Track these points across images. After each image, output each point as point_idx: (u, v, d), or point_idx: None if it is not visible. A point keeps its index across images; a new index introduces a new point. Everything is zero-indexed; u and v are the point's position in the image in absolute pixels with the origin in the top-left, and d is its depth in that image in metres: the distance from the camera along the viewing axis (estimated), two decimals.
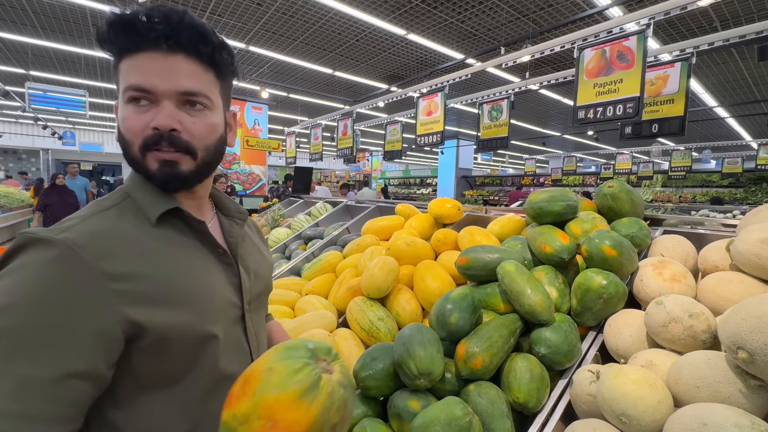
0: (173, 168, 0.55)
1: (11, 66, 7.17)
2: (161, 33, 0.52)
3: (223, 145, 0.62)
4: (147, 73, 0.52)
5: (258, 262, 0.71)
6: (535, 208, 1.26)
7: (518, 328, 1.02)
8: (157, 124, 0.52)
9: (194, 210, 0.63)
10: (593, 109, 1.51)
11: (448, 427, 0.72)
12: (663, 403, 0.65)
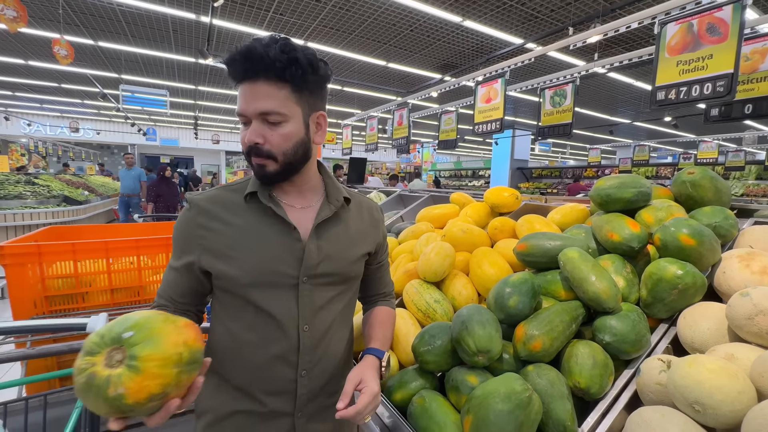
0: (262, 169, 0.73)
1: (107, 71, 8.19)
2: (242, 69, 0.68)
3: (304, 146, 0.75)
4: (242, 101, 0.70)
5: (339, 247, 0.81)
6: (602, 194, 1.21)
7: (580, 315, 1.00)
8: (246, 141, 0.71)
9: (295, 195, 0.81)
10: (675, 89, 1.37)
11: (507, 400, 0.74)
12: (744, 394, 0.62)
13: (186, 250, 0.75)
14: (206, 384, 0.77)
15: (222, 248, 0.74)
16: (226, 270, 0.73)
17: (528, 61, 2.57)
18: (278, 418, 0.77)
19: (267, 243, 0.74)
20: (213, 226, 0.74)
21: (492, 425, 0.73)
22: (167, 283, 0.77)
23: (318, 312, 0.78)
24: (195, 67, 7.78)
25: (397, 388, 1.06)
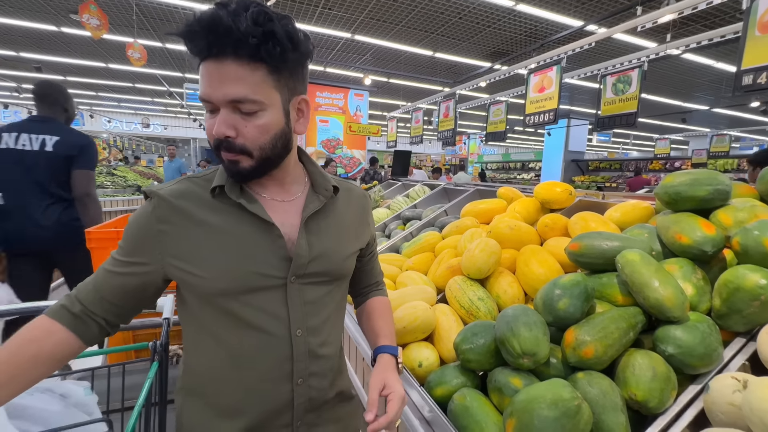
0: (235, 166, 0.62)
1: (172, 70, 8.88)
2: (204, 42, 0.54)
3: (284, 137, 0.64)
4: (206, 83, 0.58)
5: (330, 241, 0.72)
6: (671, 192, 1.10)
7: (639, 323, 0.93)
8: (215, 133, 0.59)
9: (275, 187, 0.70)
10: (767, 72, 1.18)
11: (553, 407, 0.71)
12: None
13: (141, 251, 0.63)
14: (187, 411, 0.70)
15: (191, 251, 0.63)
16: (195, 276, 0.63)
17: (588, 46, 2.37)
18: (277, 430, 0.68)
19: (244, 243, 0.64)
20: (178, 225, 0.63)
21: (536, 430, 0.71)
22: (97, 280, 0.64)
23: (310, 313, 0.69)
24: None
25: (438, 384, 1.06)
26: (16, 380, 0.55)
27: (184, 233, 0.64)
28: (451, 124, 3.85)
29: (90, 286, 0.64)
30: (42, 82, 2.07)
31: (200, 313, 0.66)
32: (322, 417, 0.73)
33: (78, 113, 13.81)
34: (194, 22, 0.54)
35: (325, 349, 0.71)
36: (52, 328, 0.60)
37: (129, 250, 0.64)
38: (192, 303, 0.66)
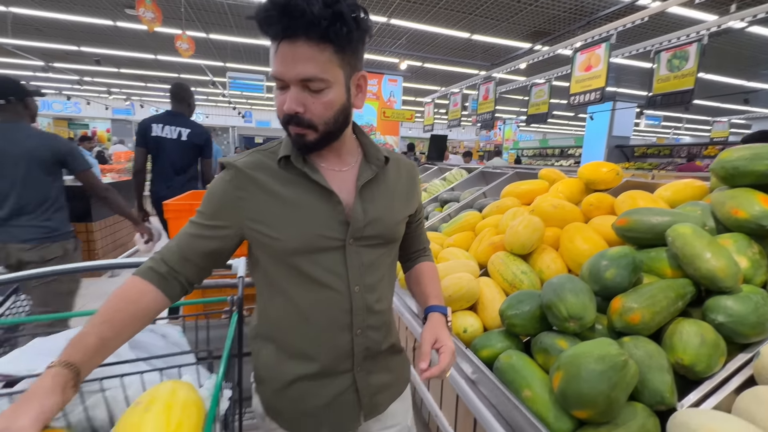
0: (302, 138, 0.67)
1: (215, 60, 9.25)
2: (280, 26, 0.59)
3: (345, 112, 0.69)
4: (280, 63, 0.62)
5: (383, 208, 0.77)
6: (728, 167, 1.08)
7: (689, 293, 0.95)
8: (285, 109, 0.64)
9: (333, 157, 0.76)
10: None
11: (600, 361, 0.76)
12: None
13: (221, 215, 0.71)
14: (263, 353, 0.78)
15: (264, 216, 0.70)
16: (270, 237, 0.70)
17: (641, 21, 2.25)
18: (340, 375, 0.77)
19: (309, 208, 0.71)
20: (254, 193, 0.70)
21: (583, 382, 0.76)
22: (181, 242, 0.71)
23: (366, 272, 0.76)
24: None
25: (483, 347, 1.14)
26: (121, 336, 0.66)
27: (259, 199, 0.70)
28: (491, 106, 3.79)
29: (174, 248, 0.71)
30: (175, 83, 2.60)
31: (273, 272, 0.73)
32: (377, 365, 0.81)
33: (130, 103, 14.78)
34: (270, 6, 0.58)
35: (379, 305, 0.78)
36: (144, 288, 0.68)
37: (211, 215, 0.71)
38: (266, 263, 0.74)
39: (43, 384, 0.53)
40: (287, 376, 0.76)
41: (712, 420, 0.63)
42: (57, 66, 9.96)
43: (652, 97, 2.25)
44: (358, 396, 0.78)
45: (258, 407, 0.82)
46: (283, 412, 0.78)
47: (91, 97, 14.52)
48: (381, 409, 0.83)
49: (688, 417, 0.65)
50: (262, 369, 0.79)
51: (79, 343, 0.59)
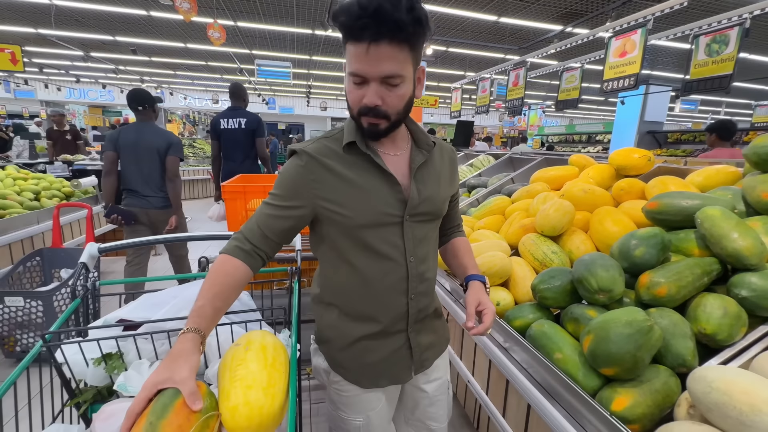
0: (375, 128, 0.76)
1: (242, 47, 9.43)
2: (368, 29, 0.65)
3: (411, 102, 0.78)
4: (362, 62, 0.68)
5: (432, 188, 0.86)
6: (761, 152, 1.13)
7: (714, 271, 1.02)
8: (366, 102, 0.72)
9: (389, 143, 0.84)
10: None
11: (628, 326, 0.86)
12: None
13: (297, 196, 0.79)
14: (327, 317, 0.90)
15: (335, 196, 0.79)
16: (342, 215, 0.79)
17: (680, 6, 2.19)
18: (396, 334, 0.88)
19: (373, 188, 0.80)
20: (324, 175, 0.79)
21: (612, 344, 0.86)
22: (260, 222, 0.80)
23: (419, 245, 0.85)
24: (311, 38, 8.44)
25: (516, 318, 1.24)
26: (227, 304, 0.79)
27: (330, 181, 0.79)
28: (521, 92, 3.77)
29: (255, 227, 0.80)
30: (233, 83, 3.36)
31: (341, 245, 0.83)
32: (425, 327, 0.93)
33: (160, 91, 15.25)
34: (362, 13, 0.64)
35: (428, 273, 0.89)
36: (236, 263, 0.78)
37: (287, 196, 0.80)
38: (335, 237, 0.83)
39: (185, 346, 0.67)
40: (352, 336, 0.87)
41: (728, 373, 0.72)
42: (94, 55, 10.41)
43: (688, 82, 2.21)
44: (411, 352, 0.91)
45: (321, 364, 0.95)
46: (347, 366, 0.90)
47: (125, 85, 15.10)
48: (427, 364, 0.95)
49: (707, 371, 0.74)
50: (327, 330, 0.91)
51: (200, 313, 0.73)
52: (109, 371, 0.86)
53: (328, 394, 0.96)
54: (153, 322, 0.88)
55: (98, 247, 1.11)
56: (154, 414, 0.60)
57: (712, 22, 2.01)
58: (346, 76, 0.75)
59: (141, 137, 2.46)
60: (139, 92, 2.49)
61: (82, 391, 0.89)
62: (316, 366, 0.98)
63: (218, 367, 0.78)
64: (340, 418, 0.93)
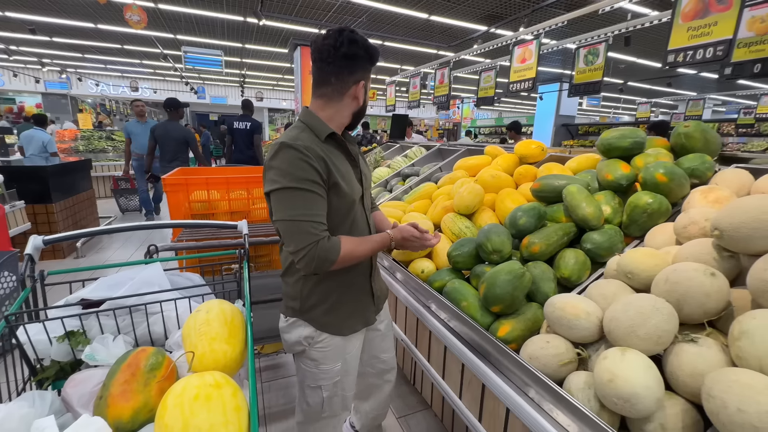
0: None
1: (164, 32, 8.73)
2: None
3: None
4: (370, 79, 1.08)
5: (366, 166, 1.18)
6: (605, 144, 1.51)
7: (572, 231, 1.37)
8: None
9: None
10: (683, 52, 1.54)
11: (508, 274, 1.16)
12: (658, 266, 0.99)
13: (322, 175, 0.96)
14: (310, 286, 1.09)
15: (336, 173, 1.00)
16: (342, 185, 1.01)
17: (562, 24, 2.64)
18: (364, 285, 1.16)
19: (347, 169, 1.05)
20: (324, 158, 0.98)
21: (497, 288, 1.16)
22: (321, 211, 0.97)
23: (370, 211, 1.18)
24: (243, 25, 8.11)
25: (435, 280, 1.52)
26: None
27: (328, 164, 0.98)
28: (446, 89, 4.14)
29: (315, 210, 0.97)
30: (244, 100, 4.99)
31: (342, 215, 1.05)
32: (378, 276, 1.25)
33: (65, 77, 13.46)
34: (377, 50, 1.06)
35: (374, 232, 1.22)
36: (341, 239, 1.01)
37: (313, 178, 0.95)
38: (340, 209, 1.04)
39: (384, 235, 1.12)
40: (334, 297, 1.10)
41: (565, 297, 1.04)
42: None
43: (574, 85, 2.70)
44: (373, 299, 1.19)
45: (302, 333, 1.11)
46: (333, 323, 1.11)
47: (18, 68, 13.05)
48: (381, 307, 1.26)
49: (554, 299, 1.05)
50: (312, 298, 1.10)
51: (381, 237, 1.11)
52: (74, 346, 0.95)
53: (307, 356, 1.13)
54: (115, 299, 0.97)
55: (43, 239, 1.14)
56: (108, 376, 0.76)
57: (587, 38, 2.47)
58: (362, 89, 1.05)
59: (167, 131, 4.36)
60: (170, 99, 4.39)
61: (44, 369, 0.97)
62: (295, 338, 1.13)
63: (182, 330, 0.92)
64: (321, 372, 1.13)
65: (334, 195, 1.01)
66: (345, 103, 1.05)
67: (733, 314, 0.85)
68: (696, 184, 1.35)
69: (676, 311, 0.86)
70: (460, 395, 1.32)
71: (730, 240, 0.88)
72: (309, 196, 0.95)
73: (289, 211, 0.94)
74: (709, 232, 1.01)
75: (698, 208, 1.11)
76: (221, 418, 0.64)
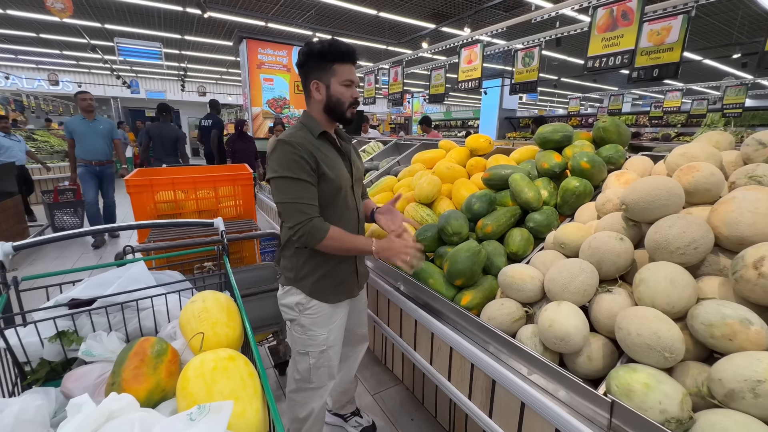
0: (354, 115, 1.26)
1: (90, 20, 7.97)
2: (353, 56, 1.20)
3: None
4: (350, 74, 1.20)
5: (357, 161, 1.38)
6: (541, 137, 1.76)
7: (517, 213, 1.60)
8: (354, 96, 1.22)
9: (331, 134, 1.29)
10: (599, 59, 1.85)
11: (467, 251, 1.35)
12: (583, 236, 1.23)
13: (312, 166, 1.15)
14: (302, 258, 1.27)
15: (324, 164, 1.19)
16: (330, 177, 1.20)
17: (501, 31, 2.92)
18: (350, 263, 1.35)
19: (337, 162, 1.25)
20: (316, 152, 1.18)
21: (459, 263, 1.34)
22: (312, 196, 1.17)
23: (361, 201, 1.36)
24: (183, 16, 7.66)
25: None
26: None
27: (317, 157, 1.17)
28: (400, 87, 4.32)
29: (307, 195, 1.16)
30: (212, 100, 5.98)
31: (330, 197, 1.23)
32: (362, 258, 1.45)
33: None
34: (347, 47, 1.18)
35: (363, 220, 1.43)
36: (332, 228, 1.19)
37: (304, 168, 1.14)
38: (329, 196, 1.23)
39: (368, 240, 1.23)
40: (324, 269, 1.28)
41: (514, 267, 1.25)
42: None
43: (513, 84, 3.01)
44: (357, 276, 1.38)
45: (294, 299, 1.29)
46: (323, 290, 1.30)
47: None
48: (362, 284, 1.46)
49: (505, 269, 1.26)
50: (304, 269, 1.28)
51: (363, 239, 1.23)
52: (67, 344, 0.97)
53: (299, 323, 1.31)
54: (105, 297, 1.01)
55: (12, 245, 1.12)
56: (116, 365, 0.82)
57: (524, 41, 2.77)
58: (335, 84, 1.19)
59: (161, 132, 4.95)
60: (163, 105, 5.13)
61: (35, 371, 0.99)
62: (289, 303, 1.31)
63: (180, 320, 0.99)
64: (309, 338, 1.30)
65: (323, 181, 1.19)
66: (314, 102, 1.25)
67: (637, 269, 1.10)
68: (612, 169, 1.64)
69: (596, 270, 1.10)
70: (431, 361, 1.49)
71: (632, 212, 1.14)
72: (301, 184, 1.14)
73: (287, 195, 1.15)
74: (620, 207, 1.27)
75: (613, 189, 1.38)
76: (239, 383, 0.74)
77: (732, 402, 0.73)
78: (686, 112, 8.00)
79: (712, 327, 0.82)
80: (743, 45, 7.19)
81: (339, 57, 1.16)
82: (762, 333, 0.78)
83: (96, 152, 4.27)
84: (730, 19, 6.57)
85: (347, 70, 1.19)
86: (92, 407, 0.64)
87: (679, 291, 0.91)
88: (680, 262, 0.97)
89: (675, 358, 0.84)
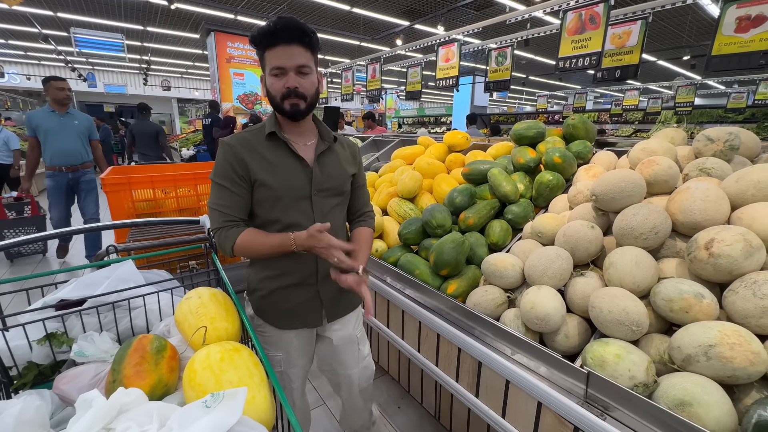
0: (296, 107, 0.98)
1: (41, 8, 7.43)
2: (283, 35, 0.93)
3: (318, 92, 1.02)
4: (279, 58, 0.94)
5: (334, 170, 1.08)
6: (516, 134, 1.86)
7: (497, 206, 1.69)
8: (288, 85, 0.96)
9: (296, 134, 1.05)
10: (569, 60, 1.98)
11: (452, 242, 1.42)
12: (558, 225, 1.33)
13: (238, 172, 0.99)
14: (254, 272, 1.11)
15: (262, 169, 1.00)
16: (268, 186, 1.00)
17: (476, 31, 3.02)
18: (307, 286, 1.09)
19: (288, 167, 1.01)
20: (252, 156, 1.00)
21: (444, 254, 1.41)
22: (229, 204, 1.00)
23: (325, 216, 1.06)
24: (145, 6, 7.30)
25: (390, 256, 1.73)
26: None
27: (256, 159, 1.00)
28: (378, 84, 4.36)
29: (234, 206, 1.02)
30: (211, 101, 7.13)
31: (265, 213, 1.03)
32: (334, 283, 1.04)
33: None
34: (272, 26, 0.93)
35: None
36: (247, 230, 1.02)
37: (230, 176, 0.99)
38: (262, 209, 1.04)
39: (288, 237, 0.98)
40: (271, 286, 1.09)
41: (496, 255, 1.33)
42: None
43: (488, 82, 3.13)
44: (321, 302, 1.13)
45: (248, 311, 1.17)
46: (267, 310, 1.13)
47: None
48: (340, 314, 1.19)
49: (488, 258, 1.35)
50: (253, 282, 1.13)
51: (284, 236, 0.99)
52: (57, 346, 0.96)
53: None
54: (96, 296, 0.99)
55: None
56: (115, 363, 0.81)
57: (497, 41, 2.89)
58: (267, 75, 0.99)
59: (143, 128, 5.27)
60: (143, 104, 5.43)
61: (22, 375, 0.96)
62: (249, 314, 1.19)
63: (176, 317, 1.00)
64: (268, 352, 1.14)
65: (261, 188, 1.02)
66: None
67: (606, 253, 1.21)
68: (581, 163, 1.77)
69: (571, 255, 1.20)
70: (418, 349, 1.56)
71: (601, 202, 1.25)
72: (223, 191, 1.01)
73: (210, 198, 1.05)
74: (590, 198, 1.38)
75: (582, 182, 1.49)
76: (246, 372, 0.77)
77: (689, 365, 0.84)
78: (643, 110, 8.57)
79: (672, 302, 0.93)
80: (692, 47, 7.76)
81: (265, 41, 0.95)
82: (712, 305, 0.90)
83: (69, 155, 3.23)
84: (680, 23, 7.09)
85: (275, 55, 0.95)
86: (103, 401, 0.65)
87: (643, 272, 1.02)
88: (643, 246, 1.08)
89: (641, 331, 0.95)
